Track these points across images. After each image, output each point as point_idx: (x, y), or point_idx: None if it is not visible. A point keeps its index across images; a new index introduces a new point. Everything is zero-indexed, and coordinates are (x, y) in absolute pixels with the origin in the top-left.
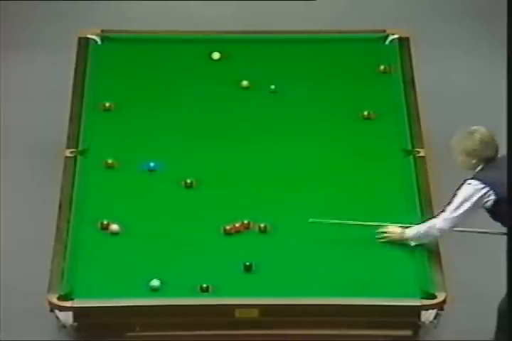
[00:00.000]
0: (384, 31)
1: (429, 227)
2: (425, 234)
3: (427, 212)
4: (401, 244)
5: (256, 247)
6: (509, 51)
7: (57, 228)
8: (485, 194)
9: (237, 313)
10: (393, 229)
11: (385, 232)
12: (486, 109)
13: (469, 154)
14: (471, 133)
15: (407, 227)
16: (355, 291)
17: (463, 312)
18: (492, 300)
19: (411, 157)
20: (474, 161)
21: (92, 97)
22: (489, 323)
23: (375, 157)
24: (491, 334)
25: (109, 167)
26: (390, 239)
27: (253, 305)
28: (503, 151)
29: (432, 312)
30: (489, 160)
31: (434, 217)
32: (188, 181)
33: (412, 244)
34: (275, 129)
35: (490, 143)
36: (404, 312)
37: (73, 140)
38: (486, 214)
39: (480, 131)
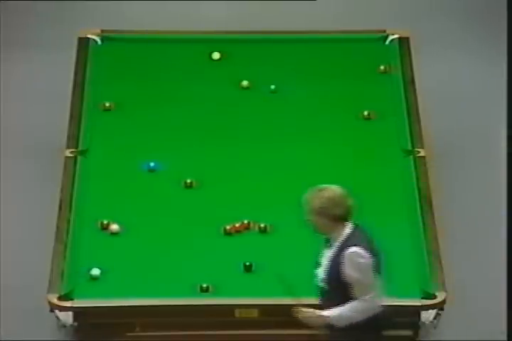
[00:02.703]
0: (384, 31)
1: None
2: (362, 309)
3: (427, 212)
4: (400, 244)
5: (256, 247)
6: (509, 51)
7: (57, 228)
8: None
9: (237, 313)
10: (309, 311)
11: (301, 312)
12: (486, 108)
13: (318, 213)
14: (320, 190)
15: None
16: None
17: (463, 312)
18: (492, 301)
19: (411, 157)
20: (325, 220)
21: (92, 97)
22: (489, 323)
23: (375, 157)
24: (491, 334)
25: (110, 166)
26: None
27: (253, 305)
28: (502, 152)
29: (431, 312)
30: (340, 219)
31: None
32: (188, 181)
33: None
34: (275, 129)
35: (338, 201)
36: (404, 312)
37: (73, 140)
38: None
39: (330, 188)
